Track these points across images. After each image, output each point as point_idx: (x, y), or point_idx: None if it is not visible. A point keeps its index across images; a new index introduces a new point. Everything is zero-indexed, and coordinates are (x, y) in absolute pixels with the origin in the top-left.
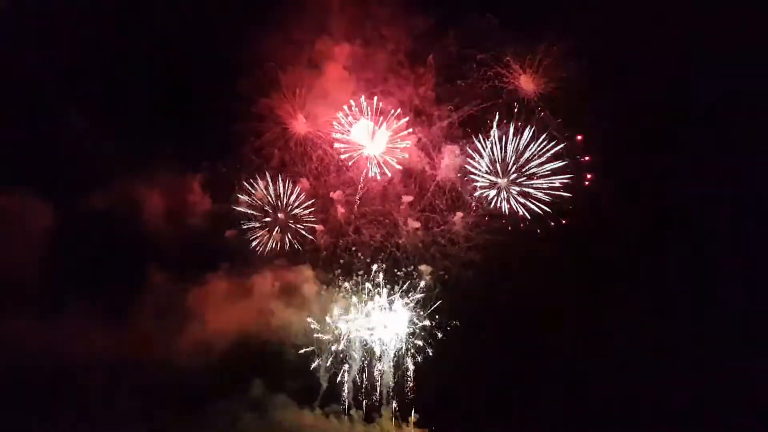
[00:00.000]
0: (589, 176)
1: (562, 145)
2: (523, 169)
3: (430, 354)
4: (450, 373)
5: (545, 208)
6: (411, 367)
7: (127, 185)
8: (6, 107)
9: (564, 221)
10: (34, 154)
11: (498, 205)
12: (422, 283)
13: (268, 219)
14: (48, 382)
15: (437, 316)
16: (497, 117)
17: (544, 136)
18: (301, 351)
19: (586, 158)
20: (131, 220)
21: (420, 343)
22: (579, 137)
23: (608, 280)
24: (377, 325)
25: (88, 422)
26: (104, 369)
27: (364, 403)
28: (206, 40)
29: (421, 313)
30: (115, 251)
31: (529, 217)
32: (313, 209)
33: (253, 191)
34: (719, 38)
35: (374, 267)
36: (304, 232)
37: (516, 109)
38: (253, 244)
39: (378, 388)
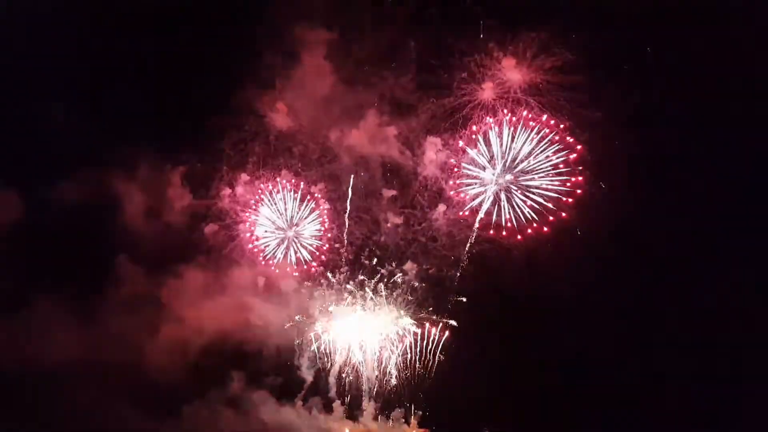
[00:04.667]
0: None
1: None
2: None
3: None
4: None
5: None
6: (393, 363)
7: (99, 176)
8: None
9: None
10: (4, 144)
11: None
12: (405, 280)
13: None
14: (13, 383)
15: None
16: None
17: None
18: (282, 347)
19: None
20: (104, 213)
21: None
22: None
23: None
24: (359, 322)
25: (57, 424)
26: (74, 368)
27: (348, 398)
28: (182, 29)
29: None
30: (87, 245)
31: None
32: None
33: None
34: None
35: (356, 264)
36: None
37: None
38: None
39: (360, 385)
